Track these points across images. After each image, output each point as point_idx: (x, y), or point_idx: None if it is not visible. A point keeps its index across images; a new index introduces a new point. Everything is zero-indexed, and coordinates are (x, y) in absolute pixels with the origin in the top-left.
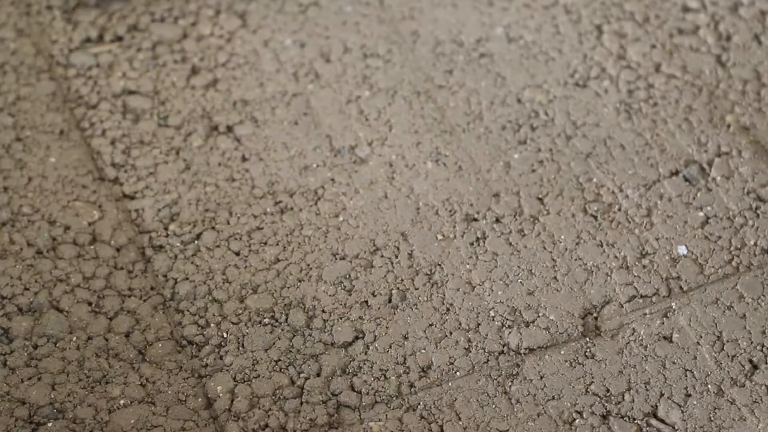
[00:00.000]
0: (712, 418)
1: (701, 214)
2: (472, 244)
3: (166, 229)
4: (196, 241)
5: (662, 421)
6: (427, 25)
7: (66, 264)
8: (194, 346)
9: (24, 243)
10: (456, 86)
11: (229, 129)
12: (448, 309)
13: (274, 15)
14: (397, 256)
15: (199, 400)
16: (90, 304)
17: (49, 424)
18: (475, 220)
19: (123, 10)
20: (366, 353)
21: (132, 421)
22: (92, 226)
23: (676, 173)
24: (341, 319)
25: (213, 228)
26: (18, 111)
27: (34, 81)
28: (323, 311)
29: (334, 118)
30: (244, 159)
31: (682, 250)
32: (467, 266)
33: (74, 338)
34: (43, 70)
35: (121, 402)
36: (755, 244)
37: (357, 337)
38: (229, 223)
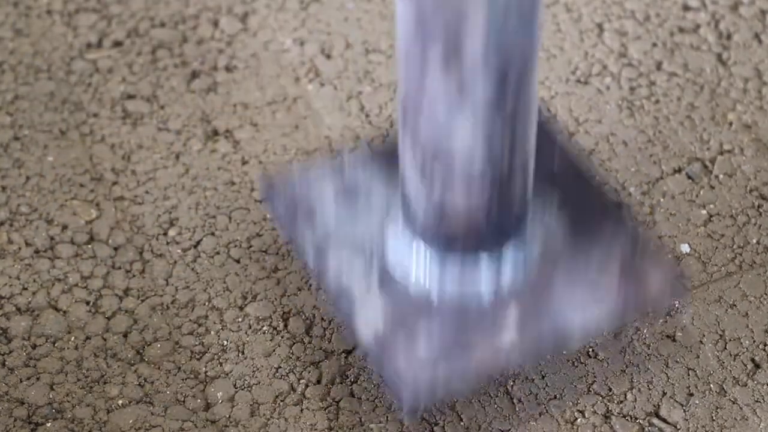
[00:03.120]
0: (714, 418)
1: (704, 212)
2: None
3: (165, 234)
4: (195, 248)
5: (664, 420)
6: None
7: (64, 263)
8: (194, 353)
9: (22, 242)
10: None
11: (229, 132)
12: None
13: (275, 14)
14: None
15: (198, 401)
16: (88, 303)
17: (48, 424)
18: None
19: (122, 15)
20: (365, 360)
21: (131, 422)
22: (90, 225)
23: (679, 171)
24: (340, 327)
25: (213, 234)
26: (16, 110)
27: (32, 80)
28: (322, 319)
29: (334, 116)
30: (243, 162)
31: (684, 248)
32: None
33: (72, 338)
34: (41, 70)
35: (120, 402)
36: (758, 242)
37: (356, 345)
38: (228, 229)
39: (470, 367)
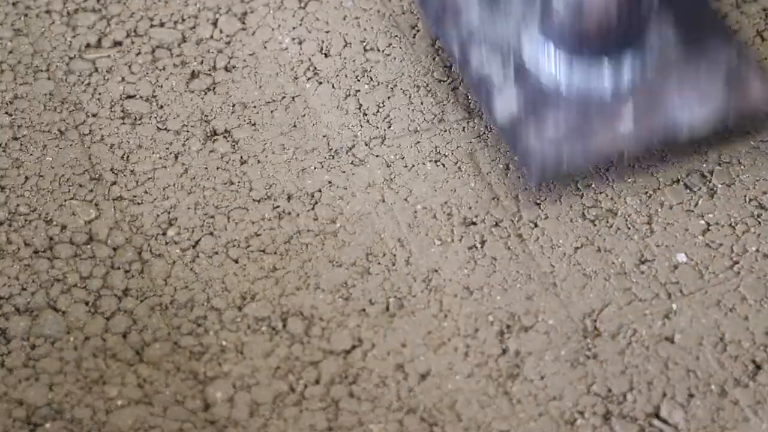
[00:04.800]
0: (715, 419)
1: (702, 222)
2: (470, 248)
3: (164, 234)
4: (194, 248)
5: (665, 421)
6: (428, 20)
7: (63, 264)
8: (193, 354)
9: (21, 243)
10: (456, 81)
11: (227, 132)
12: (446, 315)
13: (274, 13)
14: (394, 263)
15: (197, 401)
16: (87, 304)
17: (47, 425)
18: (474, 224)
19: (122, 15)
20: (364, 360)
21: (130, 422)
22: (89, 225)
23: (677, 181)
24: (339, 327)
25: (211, 234)
26: (15, 110)
27: (32, 80)
28: (321, 319)
29: (332, 115)
30: (242, 162)
31: (681, 257)
32: (465, 271)
33: (72, 338)
34: (40, 70)
35: (119, 402)
36: (757, 251)
37: (355, 345)
38: (227, 229)
39: (591, 148)
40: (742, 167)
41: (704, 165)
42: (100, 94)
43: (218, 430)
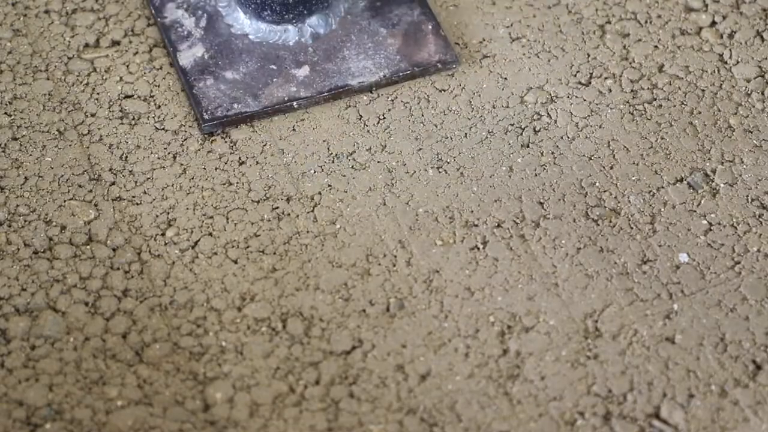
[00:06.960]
0: (715, 420)
1: (704, 222)
2: (472, 249)
3: (163, 235)
4: (193, 248)
5: (665, 422)
6: None
7: (62, 264)
8: (193, 354)
9: (21, 243)
10: (458, 89)
11: (225, 133)
12: (446, 316)
13: None
14: (394, 264)
15: (197, 402)
16: (87, 304)
17: (47, 426)
18: (476, 225)
19: (119, 14)
20: (364, 361)
21: (129, 423)
22: (88, 226)
23: (681, 180)
24: (339, 327)
25: (210, 234)
26: (14, 110)
27: (31, 80)
28: (321, 320)
29: (332, 122)
30: (240, 163)
31: (683, 257)
32: (466, 272)
33: (71, 339)
34: (39, 70)
35: (119, 403)
36: (758, 251)
37: (355, 346)
38: (226, 230)
39: (264, 93)
40: (744, 166)
41: (707, 164)
42: (98, 94)
43: (218, 431)
